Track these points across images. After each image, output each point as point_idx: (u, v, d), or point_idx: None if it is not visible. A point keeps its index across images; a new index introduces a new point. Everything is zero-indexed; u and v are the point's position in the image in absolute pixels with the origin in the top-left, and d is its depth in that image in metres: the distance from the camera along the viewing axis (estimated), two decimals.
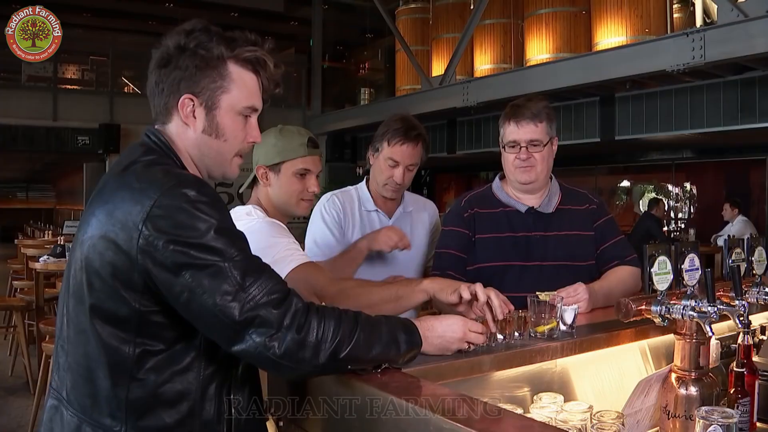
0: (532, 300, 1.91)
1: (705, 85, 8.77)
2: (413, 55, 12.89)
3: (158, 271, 1.44)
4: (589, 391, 2.01)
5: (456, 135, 12.91)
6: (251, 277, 1.44)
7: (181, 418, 1.53)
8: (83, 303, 1.52)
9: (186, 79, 1.61)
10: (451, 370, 1.62)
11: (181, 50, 1.61)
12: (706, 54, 7.53)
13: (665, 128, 9.37)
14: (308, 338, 1.44)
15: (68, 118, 14.65)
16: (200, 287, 1.42)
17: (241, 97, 1.66)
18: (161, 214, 1.44)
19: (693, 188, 14.47)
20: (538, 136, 2.61)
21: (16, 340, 6.97)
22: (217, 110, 1.64)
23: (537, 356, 1.80)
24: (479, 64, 12.20)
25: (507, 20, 11.90)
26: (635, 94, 9.64)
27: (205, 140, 1.65)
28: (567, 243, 2.66)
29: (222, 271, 1.43)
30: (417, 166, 3.01)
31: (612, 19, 9.57)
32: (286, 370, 1.48)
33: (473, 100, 10.71)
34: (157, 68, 1.64)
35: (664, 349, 2.21)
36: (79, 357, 1.54)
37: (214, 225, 1.45)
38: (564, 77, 9.43)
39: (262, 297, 1.43)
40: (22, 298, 7.11)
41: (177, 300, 1.45)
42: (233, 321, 1.42)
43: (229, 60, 1.63)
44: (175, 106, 1.63)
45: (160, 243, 1.43)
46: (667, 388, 1.88)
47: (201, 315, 1.45)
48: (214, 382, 1.57)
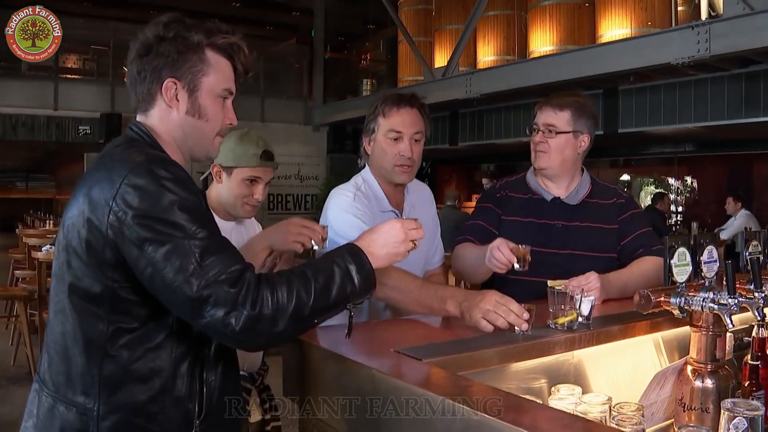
0: (551, 291, 1.89)
1: (709, 78, 8.75)
2: (416, 46, 12.84)
3: (126, 245, 1.51)
4: (603, 383, 2.00)
5: (458, 126, 12.89)
6: (210, 255, 1.49)
7: (153, 395, 1.59)
8: (63, 282, 1.60)
9: (168, 65, 1.69)
10: (470, 361, 1.61)
11: (161, 39, 1.69)
12: (712, 47, 7.51)
13: (669, 121, 9.35)
14: (263, 311, 1.48)
15: (69, 107, 14.61)
16: (161, 262, 1.48)
17: (219, 80, 1.74)
18: (129, 191, 1.51)
19: (694, 182, 14.46)
20: (554, 122, 2.67)
21: (18, 330, 6.97)
22: (199, 92, 1.72)
23: (556, 347, 1.79)
24: (482, 55, 12.15)
25: (510, 12, 11.85)
26: (639, 87, 9.61)
27: (188, 121, 1.73)
28: (588, 234, 2.68)
29: (182, 246, 1.48)
30: (423, 137, 2.65)
31: (616, 11, 9.52)
32: (247, 344, 1.57)
33: (476, 91, 10.68)
34: (138, 57, 1.72)
35: (676, 341, 2.21)
36: (56, 336, 1.62)
37: (177, 201, 1.51)
38: (567, 69, 9.38)
39: (219, 275, 1.47)
40: (24, 288, 7.09)
41: (142, 275, 1.51)
42: (190, 297, 1.47)
43: (206, 46, 1.72)
44: (159, 91, 1.71)
45: (127, 218, 1.50)
46: (683, 381, 1.86)
47: (163, 290, 1.50)
48: (187, 360, 1.63)
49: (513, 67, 10.67)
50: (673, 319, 1.96)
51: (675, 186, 14.57)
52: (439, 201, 12.08)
